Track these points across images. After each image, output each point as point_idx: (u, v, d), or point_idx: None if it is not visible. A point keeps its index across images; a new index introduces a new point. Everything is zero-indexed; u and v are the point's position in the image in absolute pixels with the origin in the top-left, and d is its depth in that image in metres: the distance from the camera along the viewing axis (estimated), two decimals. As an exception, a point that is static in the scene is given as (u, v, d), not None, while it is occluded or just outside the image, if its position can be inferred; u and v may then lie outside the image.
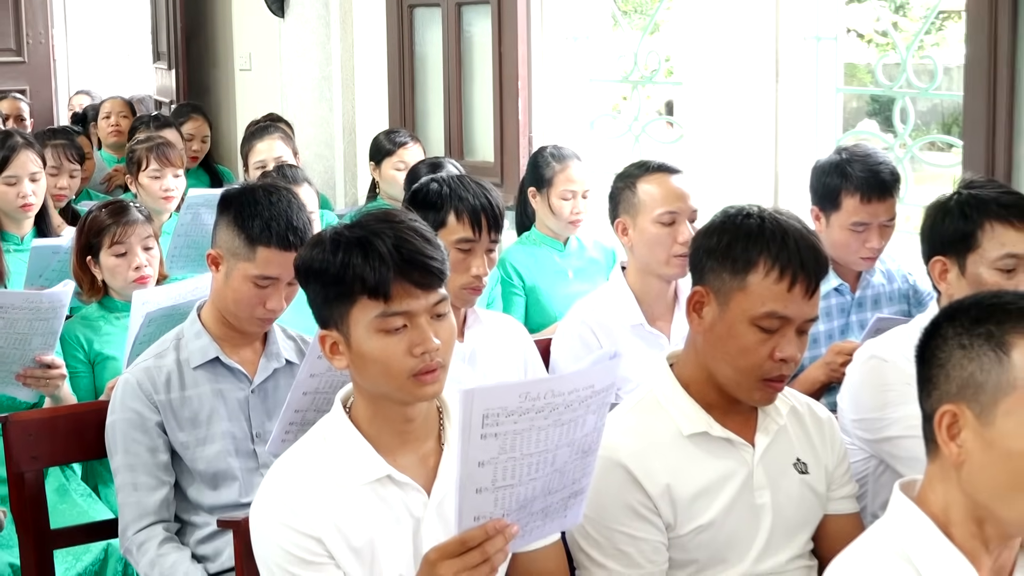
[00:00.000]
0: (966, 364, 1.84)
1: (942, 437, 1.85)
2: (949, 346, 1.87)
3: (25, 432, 3.10)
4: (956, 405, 1.84)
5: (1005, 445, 1.80)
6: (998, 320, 1.84)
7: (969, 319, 1.87)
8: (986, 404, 1.81)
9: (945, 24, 6.16)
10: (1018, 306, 1.86)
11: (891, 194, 3.69)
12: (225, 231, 3.03)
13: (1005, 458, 1.80)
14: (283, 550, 2.21)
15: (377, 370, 2.22)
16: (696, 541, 2.49)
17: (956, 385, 1.85)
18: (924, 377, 1.91)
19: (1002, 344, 1.82)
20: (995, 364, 1.81)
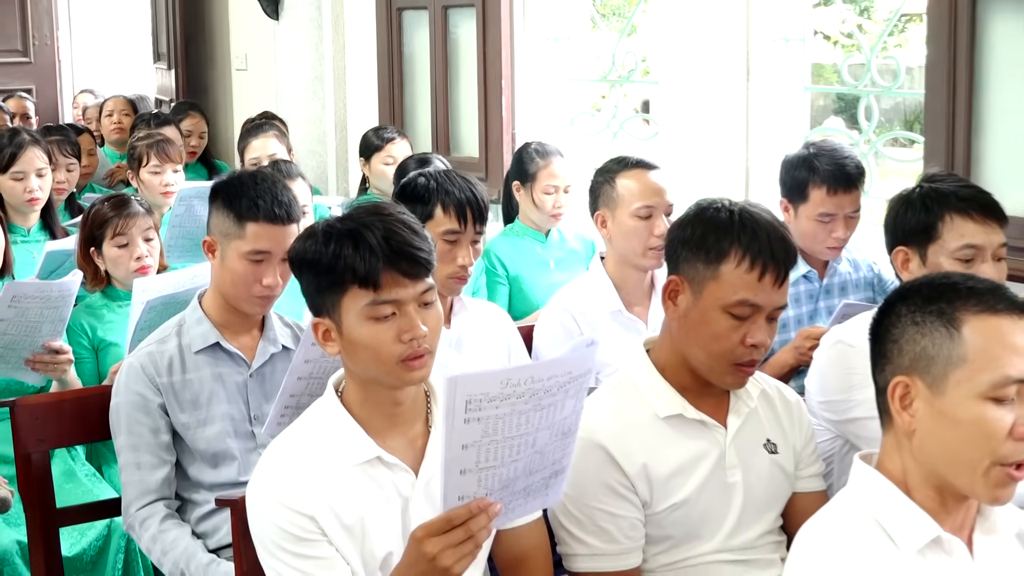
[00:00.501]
0: (919, 339, 1.88)
1: (895, 407, 1.90)
2: (903, 323, 1.91)
3: (32, 415, 3.11)
4: (909, 377, 1.88)
5: (954, 414, 1.84)
6: (949, 299, 1.88)
7: (921, 298, 1.91)
8: (937, 376, 1.85)
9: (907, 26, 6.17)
10: (967, 286, 1.89)
11: (856, 187, 3.71)
12: (216, 216, 3.05)
13: (954, 426, 1.84)
14: (278, 527, 2.21)
15: (367, 356, 2.22)
16: (671, 518, 2.49)
17: (909, 358, 1.89)
18: (878, 352, 1.96)
19: (953, 320, 1.86)
20: (946, 339, 1.85)
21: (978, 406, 1.83)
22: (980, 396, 1.83)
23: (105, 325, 3.93)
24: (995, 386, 1.82)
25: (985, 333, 1.84)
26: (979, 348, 1.84)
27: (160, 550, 2.92)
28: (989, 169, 4.03)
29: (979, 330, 1.85)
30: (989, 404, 1.83)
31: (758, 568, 2.53)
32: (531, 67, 6.12)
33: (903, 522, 1.87)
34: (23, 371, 3.55)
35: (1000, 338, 1.84)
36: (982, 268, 2.83)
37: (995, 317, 1.85)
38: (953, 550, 1.89)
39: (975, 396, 1.83)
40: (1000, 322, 1.85)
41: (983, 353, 1.83)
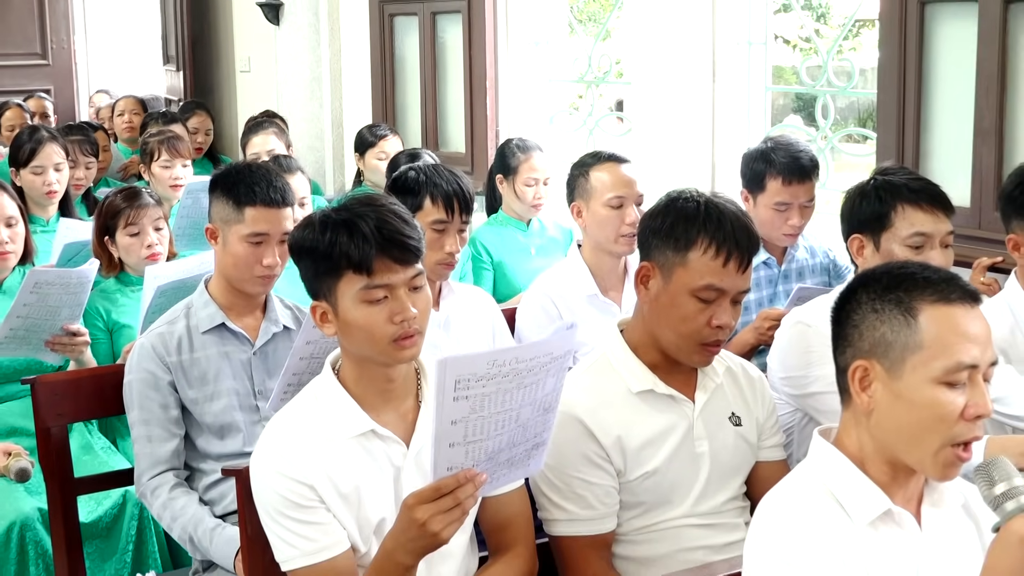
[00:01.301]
0: (878, 325, 1.87)
1: (854, 388, 1.89)
2: (863, 309, 1.90)
3: (51, 392, 3.11)
4: (868, 361, 1.88)
5: (910, 396, 1.83)
6: (907, 288, 1.87)
7: (881, 286, 1.90)
8: (895, 361, 1.85)
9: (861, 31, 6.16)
10: (924, 276, 1.89)
11: (810, 178, 3.73)
12: (216, 204, 3.04)
13: (909, 407, 1.83)
14: (279, 495, 2.20)
15: (362, 336, 2.22)
16: (643, 486, 2.49)
17: (868, 343, 1.88)
18: (839, 335, 1.94)
19: (910, 309, 1.85)
20: (904, 326, 1.85)
21: (932, 390, 1.82)
22: (934, 380, 1.82)
23: (119, 308, 3.91)
24: (948, 371, 1.82)
25: (940, 321, 1.84)
26: (934, 335, 1.83)
27: (170, 516, 2.92)
28: (936, 163, 4.03)
29: (934, 318, 1.84)
30: (942, 388, 1.82)
31: (723, 531, 2.53)
32: (513, 69, 6.12)
33: (857, 495, 1.87)
34: (43, 352, 3.55)
35: (954, 326, 1.84)
36: (931, 254, 2.83)
37: (949, 307, 1.85)
38: (903, 522, 1.88)
39: (930, 380, 1.83)
40: (954, 311, 1.85)
41: (938, 340, 1.83)
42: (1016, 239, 3.01)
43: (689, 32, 4.98)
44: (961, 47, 3.94)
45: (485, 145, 5.99)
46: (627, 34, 5.73)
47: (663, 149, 5.11)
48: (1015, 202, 3.00)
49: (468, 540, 2.37)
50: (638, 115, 5.45)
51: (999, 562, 1.72)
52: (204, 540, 2.86)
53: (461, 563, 2.34)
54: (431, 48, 6.40)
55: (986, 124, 3.84)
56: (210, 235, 3.07)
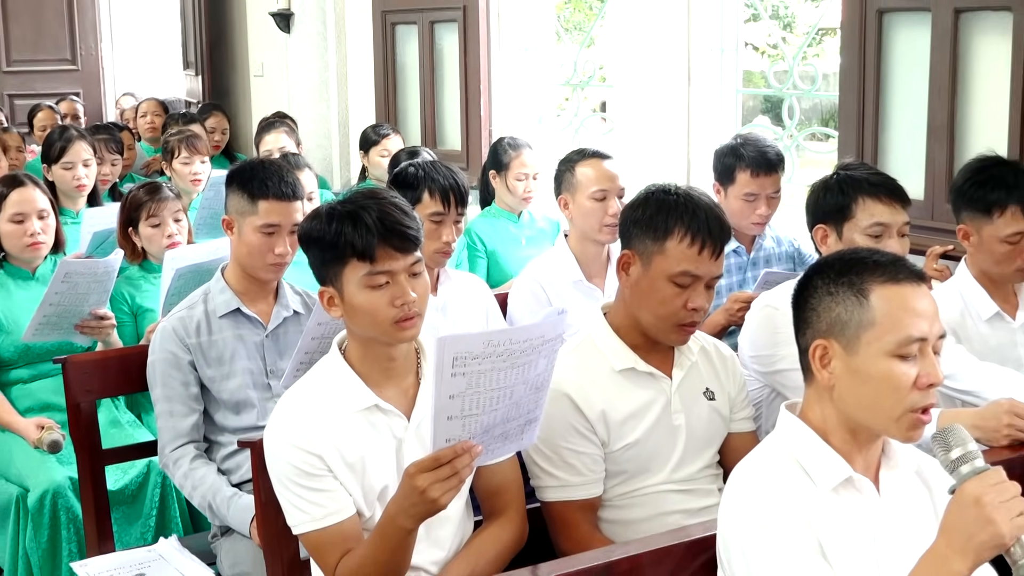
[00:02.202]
0: (833, 307, 1.88)
1: (815, 366, 1.89)
2: (819, 293, 1.91)
3: (81, 371, 3.11)
4: (826, 340, 1.88)
5: (866, 370, 1.84)
6: (858, 271, 1.88)
7: (835, 271, 1.90)
8: (851, 338, 1.85)
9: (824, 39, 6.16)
10: (873, 259, 1.90)
11: (776, 170, 3.74)
12: (232, 197, 3.04)
13: (866, 380, 1.84)
14: (290, 465, 2.20)
15: (365, 319, 2.22)
16: (625, 455, 2.49)
17: (826, 323, 1.89)
18: (799, 319, 1.95)
19: (862, 290, 1.86)
20: (857, 306, 1.85)
21: (886, 363, 1.83)
22: (887, 354, 1.83)
23: (142, 293, 3.90)
24: (900, 344, 1.82)
25: (890, 300, 1.84)
26: (885, 313, 1.84)
27: (191, 485, 2.92)
28: (893, 159, 4.04)
29: (884, 297, 1.85)
30: (895, 360, 1.83)
31: (698, 496, 2.53)
32: (505, 73, 6.10)
33: (820, 463, 1.87)
34: (74, 334, 3.56)
35: (902, 303, 1.84)
36: (889, 243, 2.83)
37: (898, 286, 1.86)
38: (863, 488, 1.89)
39: (883, 354, 1.83)
40: (902, 290, 1.85)
41: (888, 317, 1.83)
42: (965, 229, 3.01)
43: (666, 39, 4.98)
44: (915, 53, 3.94)
45: (479, 143, 5.98)
46: (609, 41, 5.72)
47: (642, 146, 5.11)
48: (965, 195, 3.00)
49: (464, 506, 2.37)
50: (620, 116, 5.45)
51: (955, 521, 1.73)
52: (222, 507, 2.86)
53: (458, 527, 2.34)
54: (429, 54, 6.38)
55: (938, 123, 3.85)
56: (226, 226, 3.07)
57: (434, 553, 2.29)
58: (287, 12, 7.39)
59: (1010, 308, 3.04)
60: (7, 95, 9.99)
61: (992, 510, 1.69)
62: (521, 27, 6.09)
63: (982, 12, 3.70)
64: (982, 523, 1.69)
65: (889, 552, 1.85)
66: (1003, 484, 1.72)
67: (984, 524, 1.69)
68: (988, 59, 3.72)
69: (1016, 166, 3.05)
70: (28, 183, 3.85)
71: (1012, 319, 3.03)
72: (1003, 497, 1.70)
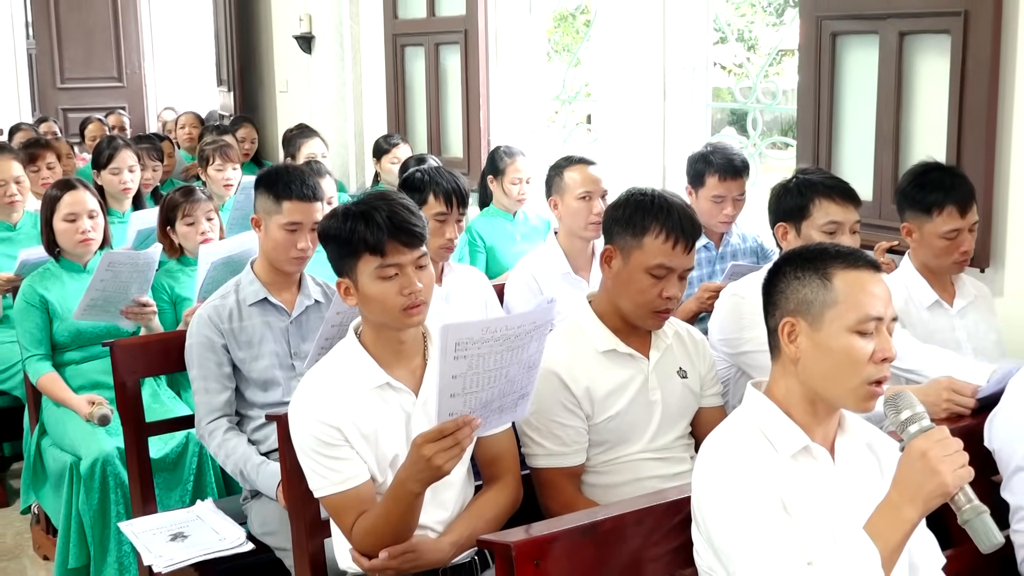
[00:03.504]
0: (800, 288, 1.88)
1: (784, 341, 1.89)
2: (788, 278, 1.91)
3: (127, 353, 3.11)
4: (794, 318, 1.88)
5: (829, 344, 1.84)
6: (822, 259, 1.89)
7: (802, 259, 1.91)
8: (816, 316, 1.86)
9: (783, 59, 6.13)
10: (835, 250, 1.91)
11: (741, 175, 3.74)
12: (260, 198, 3.03)
13: (829, 353, 1.84)
14: (312, 436, 2.20)
15: (377, 306, 2.21)
16: (607, 427, 2.48)
17: (793, 304, 1.89)
18: (769, 301, 1.95)
19: (826, 274, 1.87)
20: (821, 288, 1.86)
21: (847, 338, 1.83)
22: (848, 330, 1.83)
23: (180, 284, 3.89)
24: (860, 321, 1.83)
25: (850, 282, 1.85)
26: (846, 293, 1.84)
27: (224, 454, 2.92)
28: (845, 164, 4.03)
29: (846, 280, 1.85)
30: (855, 336, 1.83)
31: (673, 464, 2.53)
32: (501, 89, 6.09)
33: (782, 433, 1.87)
34: (119, 319, 3.56)
35: (862, 286, 1.85)
36: (842, 239, 2.83)
37: (857, 271, 1.87)
38: (819, 456, 1.89)
39: (845, 330, 1.83)
40: (861, 274, 1.86)
41: (850, 297, 1.84)
42: (908, 227, 3.01)
43: (644, 59, 4.97)
44: (865, 71, 3.93)
45: (479, 151, 5.97)
46: (594, 61, 5.70)
47: (623, 154, 5.10)
48: (908, 197, 3.00)
49: (466, 472, 2.37)
50: (603, 127, 5.43)
51: (905, 474, 1.74)
52: (252, 474, 2.86)
53: (460, 490, 2.34)
54: (435, 72, 6.37)
55: (885, 133, 3.84)
56: (255, 224, 3.06)
57: (439, 514, 2.29)
58: (309, 35, 7.38)
59: (948, 297, 3.04)
60: (61, 109, 9.98)
61: (937, 462, 1.71)
62: (515, 48, 6.08)
63: (924, 35, 3.69)
64: (929, 474, 1.71)
65: (842, 510, 1.85)
66: (947, 440, 1.74)
67: (931, 475, 1.71)
68: (929, 76, 3.71)
69: (953, 171, 3.05)
70: (79, 186, 3.86)
71: (950, 306, 3.03)
72: (947, 451, 1.73)
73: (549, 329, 2.11)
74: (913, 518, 1.72)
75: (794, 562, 1.72)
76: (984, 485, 2.37)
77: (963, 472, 1.72)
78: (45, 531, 4.02)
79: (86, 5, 10.08)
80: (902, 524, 1.72)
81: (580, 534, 1.95)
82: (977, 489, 1.79)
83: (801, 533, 1.77)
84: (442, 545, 2.25)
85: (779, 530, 1.74)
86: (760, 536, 1.74)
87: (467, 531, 2.28)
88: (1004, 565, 2.31)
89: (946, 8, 3.55)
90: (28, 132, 7.22)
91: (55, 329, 3.72)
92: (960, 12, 3.49)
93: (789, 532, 1.75)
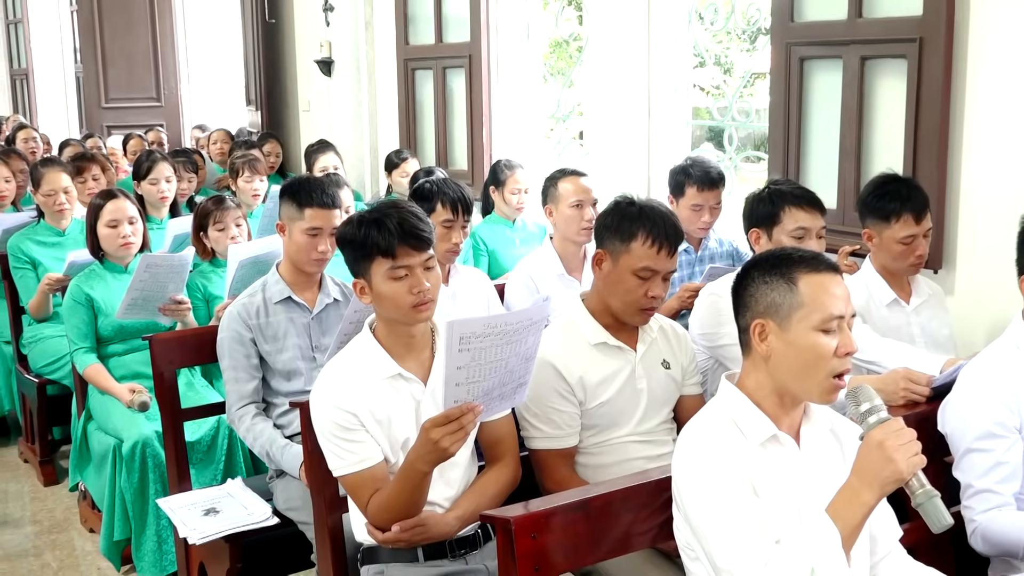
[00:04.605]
0: (769, 292, 1.86)
1: (755, 341, 1.87)
2: (756, 283, 1.89)
3: (164, 346, 3.10)
4: (764, 319, 1.86)
5: (796, 342, 1.82)
6: (787, 264, 1.86)
7: (768, 265, 1.89)
8: (784, 317, 1.83)
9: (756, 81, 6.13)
10: (799, 255, 1.89)
11: (717, 186, 3.74)
12: (285, 206, 3.02)
13: (797, 351, 1.82)
14: (331, 420, 2.19)
15: (389, 304, 2.21)
16: (598, 413, 2.48)
17: (763, 306, 1.86)
18: (739, 304, 1.93)
19: (791, 279, 1.84)
20: (787, 291, 1.84)
21: (813, 336, 1.82)
22: (813, 329, 1.81)
23: (212, 284, 3.89)
24: (824, 321, 1.81)
25: (814, 285, 1.83)
26: (811, 296, 1.82)
27: (252, 437, 2.91)
28: (812, 176, 4.03)
29: (809, 283, 1.83)
30: (820, 334, 1.81)
31: (656, 446, 2.53)
32: (502, 108, 6.09)
33: (751, 422, 1.86)
34: (158, 316, 3.56)
35: (824, 288, 1.83)
36: (809, 243, 2.83)
37: (819, 274, 1.84)
38: (786, 443, 1.87)
39: (810, 329, 1.82)
40: (823, 277, 1.84)
41: (814, 299, 1.82)
42: (869, 232, 3.01)
43: (631, 82, 4.97)
44: (830, 92, 3.93)
45: (482, 164, 5.96)
46: (586, 83, 5.70)
47: (612, 166, 5.10)
48: (868, 206, 3.00)
49: (470, 453, 2.37)
50: (594, 142, 5.42)
51: (864, 461, 1.73)
52: (277, 455, 2.85)
53: (465, 470, 2.33)
54: (442, 93, 6.36)
55: (848, 147, 3.84)
56: (279, 229, 3.06)
57: (446, 491, 2.28)
58: (328, 60, 7.37)
59: (905, 295, 3.03)
60: (106, 126, 9.97)
61: (893, 451, 1.70)
62: (515, 71, 6.07)
63: (883, 59, 3.69)
64: (885, 462, 1.70)
65: (807, 492, 1.84)
66: (902, 431, 1.73)
67: (887, 463, 1.70)
68: (887, 97, 3.71)
69: (909, 182, 3.05)
70: (120, 196, 3.88)
71: (906, 304, 3.02)
72: (902, 441, 1.71)
73: (545, 324, 2.10)
74: (871, 502, 1.71)
75: (762, 540, 1.72)
76: (938, 465, 2.37)
77: (916, 460, 1.71)
78: (91, 507, 4.01)
79: (128, 33, 10.07)
80: (861, 507, 1.71)
81: (573, 510, 1.94)
82: (931, 469, 1.78)
83: (769, 514, 1.76)
84: (448, 519, 2.25)
85: (749, 511, 1.74)
86: (732, 517, 1.73)
87: (471, 507, 2.27)
88: (956, 538, 2.31)
89: (903, 35, 3.55)
90: (76, 147, 7.21)
91: (100, 324, 3.73)
92: (916, 39, 3.49)
93: (758, 513, 1.74)
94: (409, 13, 6.58)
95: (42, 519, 4.20)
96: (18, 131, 8.34)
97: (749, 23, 4.92)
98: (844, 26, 3.79)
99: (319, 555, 2.52)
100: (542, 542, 1.90)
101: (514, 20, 6.00)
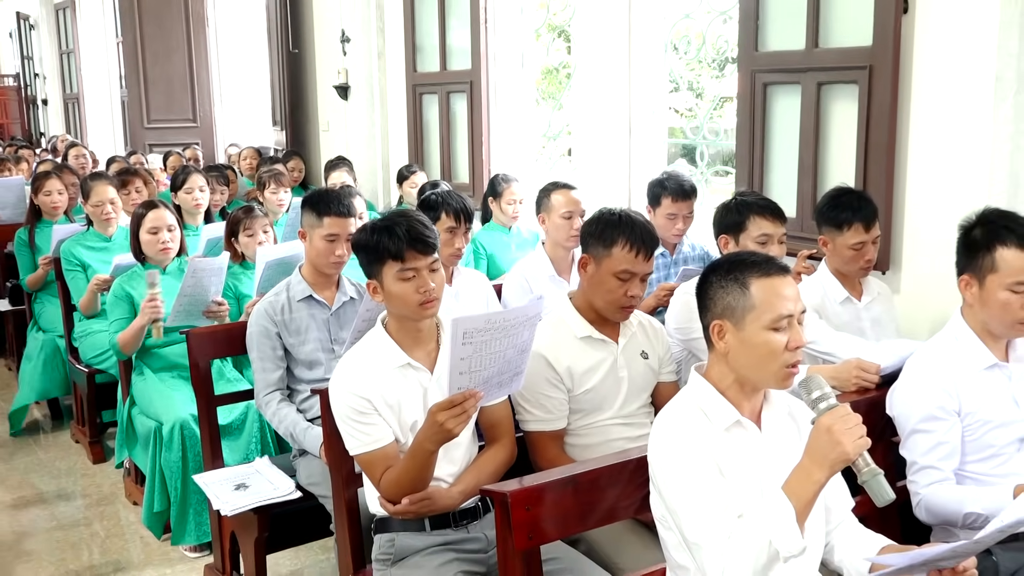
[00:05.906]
0: (724, 296, 1.84)
1: (715, 339, 1.86)
2: (714, 287, 1.87)
3: (200, 339, 3.10)
4: (721, 320, 1.84)
5: (751, 341, 1.81)
6: (740, 269, 1.84)
7: (724, 270, 1.87)
8: (738, 318, 1.82)
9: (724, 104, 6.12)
10: (751, 260, 1.86)
11: (690, 198, 3.75)
12: (305, 215, 3.02)
13: (752, 348, 1.81)
14: (348, 405, 2.19)
15: (399, 302, 2.21)
16: (584, 398, 2.48)
17: (720, 308, 1.85)
18: (701, 305, 1.91)
19: (744, 283, 1.82)
20: (741, 295, 1.82)
21: (765, 335, 1.80)
22: (766, 328, 1.80)
23: (242, 284, 3.88)
24: (774, 321, 1.79)
25: (764, 288, 1.81)
26: (762, 299, 1.80)
27: (277, 420, 2.91)
28: (774, 188, 4.02)
29: (760, 287, 1.81)
30: (771, 332, 1.79)
31: (636, 428, 2.52)
32: (500, 128, 6.08)
33: (716, 409, 1.85)
34: (202, 320, 3.56)
35: (774, 290, 1.81)
36: (772, 248, 2.83)
37: (769, 278, 1.82)
38: (748, 427, 1.86)
39: (762, 328, 1.80)
40: (773, 280, 1.82)
41: (765, 302, 1.80)
42: (824, 239, 3.01)
43: (614, 105, 4.97)
44: (790, 114, 3.93)
45: (482, 177, 5.95)
46: (574, 106, 5.69)
47: (597, 180, 5.09)
48: (823, 215, 3.00)
49: (471, 434, 2.36)
50: (581, 158, 5.42)
51: (814, 444, 1.72)
52: (300, 436, 2.85)
53: (466, 449, 2.33)
54: (446, 115, 6.35)
55: (806, 163, 3.84)
56: (301, 236, 3.05)
57: (450, 468, 2.28)
58: (345, 85, 7.36)
59: (856, 294, 3.04)
60: (148, 144, 9.96)
61: (840, 434, 1.68)
62: (511, 96, 6.07)
63: (837, 85, 3.69)
64: (833, 444, 1.69)
65: (768, 471, 1.83)
66: (848, 416, 1.72)
67: (834, 445, 1.69)
68: (841, 118, 3.71)
69: (860, 194, 3.05)
70: (160, 205, 3.87)
71: (858, 301, 3.02)
72: (848, 425, 1.70)
73: (538, 320, 2.10)
74: (821, 480, 1.70)
75: (726, 516, 1.71)
76: (886, 444, 2.38)
77: (861, 442, 1.69)
78: (135, 482, 4.01)
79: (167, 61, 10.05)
80: (812, 485, 1.70)
81: (563, 485, 1.95)
82: (880, 448, 1.78)
83: (733, 492, 1.75)
84: (452, 493, 2.25)
85: (715, 490, 1.73)
86: (699, 495, 1.73)
87: (472, 482, 2.27)
88: (902, 509, 2.31)
89: (855, 64, 3.55)
90: (121, 163, 7.20)
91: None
92: (866, 67, 3.50)
93: (723, 492, 1.74)
94: (417, 44, 6.58)
95: (91, 493, 4.19)
96: (70, 149, 8.33)
97: (718, 53, 4.92)
98: (802, 55, 3.79)
99: (337, 525, 2.52)
100: (535, 513, 1.90)
101: (510, 50, 6.00)
